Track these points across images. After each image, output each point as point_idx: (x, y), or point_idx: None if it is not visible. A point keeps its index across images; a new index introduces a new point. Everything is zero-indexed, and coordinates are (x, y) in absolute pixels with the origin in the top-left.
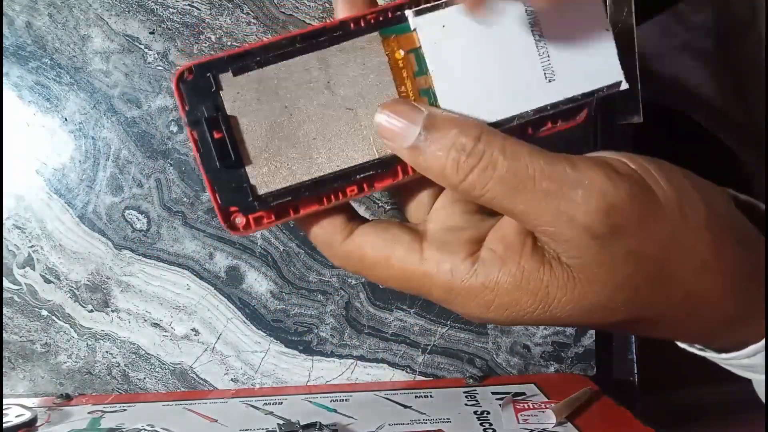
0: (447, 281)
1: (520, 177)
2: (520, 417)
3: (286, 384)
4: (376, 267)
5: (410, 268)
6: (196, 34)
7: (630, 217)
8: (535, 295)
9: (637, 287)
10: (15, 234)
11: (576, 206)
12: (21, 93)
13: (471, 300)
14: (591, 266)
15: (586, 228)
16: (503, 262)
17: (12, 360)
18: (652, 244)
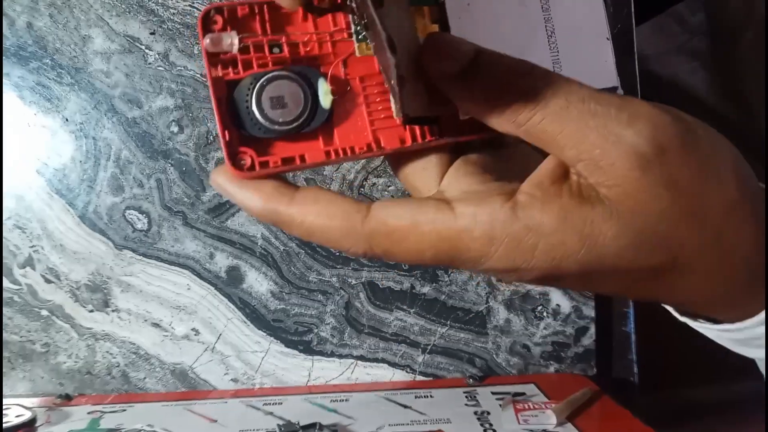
0: (487, 231)
1: (570, 98)
2: (520, 417)
3: (286, 384)
4: (407, 239)
5: (444, 228)
6: (196, 35)
7: (673, 141)
8: (581, 232)
9: (675, 219)
10: (15, 234)
11: (623, 126)
12: (22, 93)
13: (514, 248)
14: (632, 194)
15: (632, 147)
16: (544, 203)
17: (12, 360)
18: (690, 172)
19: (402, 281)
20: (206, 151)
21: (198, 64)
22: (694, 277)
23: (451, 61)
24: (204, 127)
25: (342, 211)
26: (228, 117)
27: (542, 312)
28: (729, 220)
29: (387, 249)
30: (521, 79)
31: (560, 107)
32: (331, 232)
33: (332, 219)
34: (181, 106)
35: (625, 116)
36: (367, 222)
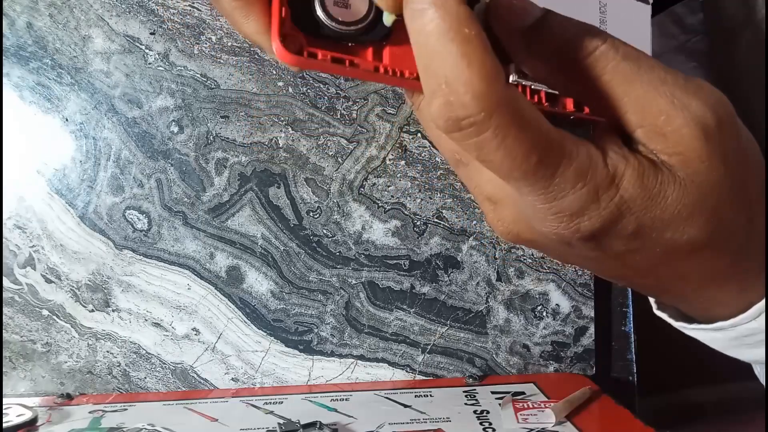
0: (583, 165)
1: (641, 64)
2: (519, 416)
3: (286, 383)
4: (528, 129)
5: (556, 138)
6: (196, 35)
7: (729, 117)
8: (650, 191)
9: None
10: (16, 234)
11: (691, 95)
12: (22, 93)
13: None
14: (692, 163)
15: (698, 117)
16: (626, 160)
17: (13, 359)
18: (739, 150)
19: (402, 281)
20: (206, 151)
21: (198, 64)
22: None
23: (523, 16)
24: (204, 127)
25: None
26: None
27: (542, 312)
28: (759, 206)
29: (503, 127)
30: (591, 40)
31: (631, 70)
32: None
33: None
34: (181, 106)
35: (693, 86)
36: (509, 90)
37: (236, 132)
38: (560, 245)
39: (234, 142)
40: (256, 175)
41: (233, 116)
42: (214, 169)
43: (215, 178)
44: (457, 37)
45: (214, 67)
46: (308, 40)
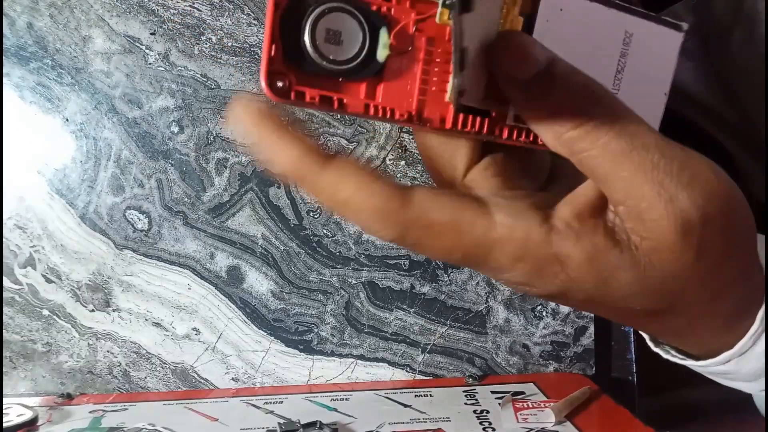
0: (519, 249)
1: (635, 142)
2: (519, 416)
3: (286, 383)
4: (444, 235)
5: (481, 234)
6: (197, 35)
7: (719, 215)
8: (601, 274)
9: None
10: (16, 234)
11: (682, 187)
12: (22, 93)
13: (537, 271)
14: (662, 251)
15: (681, 211)
16: (579, 237)
17: (13, 359)
18: (721, 245)
19: (402, 281)
20: (206, 151)
21: (198, 64)
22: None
23: (523, 67)
24: (204, 127)
25: (383, 190)
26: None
27: (542, 312)
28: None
29: (419, 242)
30: (591, 106)
31: (622, 150)
32: (365, 211)
33: (370, 197)
34: (181, 106)
35: (686, 177)
36: (408, 209)
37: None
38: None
39: (234, 142)
40: (257, 175)
41: None
42: (215, 169)
43: (215, 178)
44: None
45: (214, 67)
46: (298, 76)
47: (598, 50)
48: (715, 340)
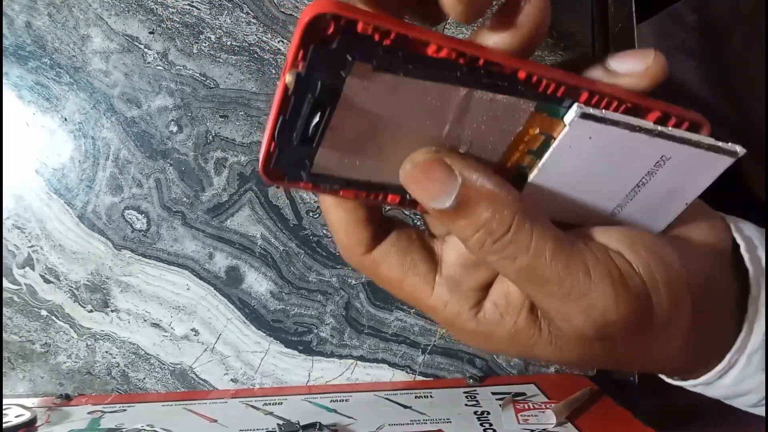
0: (449, 319)
1: (535, 275)
2: (520, 417)
3: (286, 384)
4: (389, 285)
5: (418, 297)
6: (195, 34)
7: (621, 333)
8: (521, 349)
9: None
10: (15, 234)
11: (577, 314)
12: (21, 93)
13: (465, 337)
14: (572, 346)
15: (579, 330)
16: (502, 319)
17: (12, 360)
18: (630, 351)
19: None
20: (205, 151)
21: (197, 63)
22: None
23: (432, 200)
24: (203, 126)
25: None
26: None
27: None
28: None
29: (373, 280)
30: (492, 241)
31: (525, 279)
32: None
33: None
34: (180, 105)
35: (583, 305)
36: (365, 257)
37: (236, 131)
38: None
39: (233, 141)
40: (256, 175)
41: (232, 116)
42: (214, 169)
43: (214, 178)
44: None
45: (213, 66)
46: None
47: (624, 169)
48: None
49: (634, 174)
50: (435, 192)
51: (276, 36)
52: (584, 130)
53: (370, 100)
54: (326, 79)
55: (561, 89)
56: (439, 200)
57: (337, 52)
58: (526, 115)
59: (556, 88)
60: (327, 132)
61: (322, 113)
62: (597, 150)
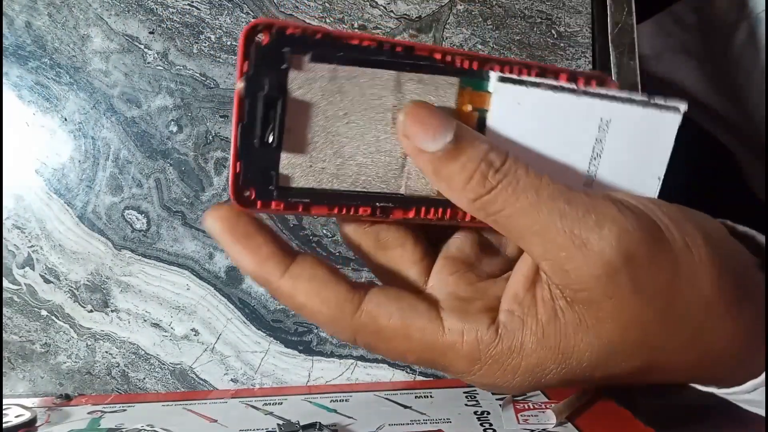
0: (473, 351)
1: (540, 195)
2: (520, 417)
3: (285, 384)
4: (394, 340)
5: (432, 340)
6: (195, 34)
7: (640, 247)
8: (557, 348)
9: (646, 325)
10: (15, 234)
11: (590, 230)
12: (20, 93)
13: (497, 368)
14: (599, 301)
15: (598, 254)
16: (523, 322)
17: (12, 360)
18: (659, 276)
19: None
20: (205, 151)
21: (197, 63)
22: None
23: (431, 141)
24: (203, 126)
25: (334, 297)
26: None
27: None
28: (706, 320)
29: (372, 345)
30: (494, 172)
31: (530, 203)
32: (319, 316)
33: (323, 304)
34: (180, 105)
35: (592, 219)
36: (357, 316)
37: None
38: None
39: None
40: None
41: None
42: (214, 169)
43: (214, 178)
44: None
45: (213, 66)
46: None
47: (566, 137)
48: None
49: (583, 142)
50: (435, 128)
51: None
52: (509, 96)
53: (315, 94)
54: (271, 75)
55: (475, 63)
56: (440, 136)
57: (275, 47)
58: (455, 92)
59: (471, 62)
60: (285, 134)
61: (275, 110)
62: (531, 116)
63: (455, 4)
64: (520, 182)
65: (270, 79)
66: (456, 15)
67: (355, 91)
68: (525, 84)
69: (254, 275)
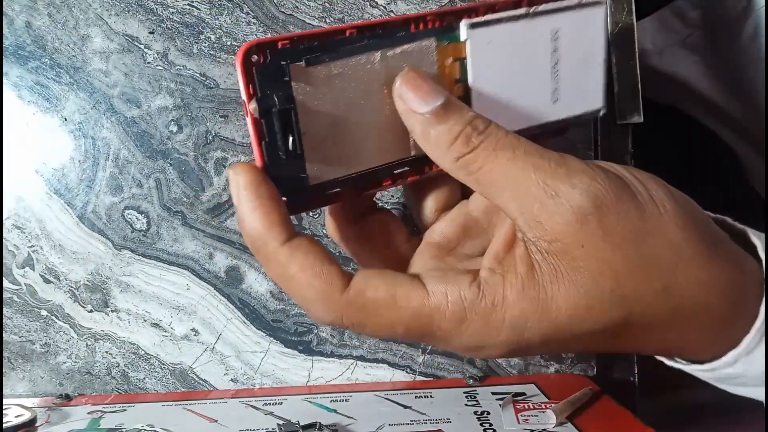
0: (458, 311)
1: (517, 151)
2: (520, 417)
3: (285, 384)
4: (381, 311)
5: (417, 305)
6: (195, 34)
7: (608, 195)
8: (536, 299)
9: (618, 273)
10: (15, 234)
11: (561, 180)
12: (20, 93)
13: (483, 325)
14: (572, 249)
15: (569, 201)
16: (504, 277)
17: (12, 360)
18: (627, 223)
19: None
20: (205, 151)
21: (197, 63)
22: (652, 331)
23: (427, 101)
24: (203, 126)
25: (327, 272)
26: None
27: None
28: (677, 266)
29: (359, 321)
30: (477, 134)
31: (507, 158)
32: (309, 290)
33: (314, 277)
34: (180, 105)
35: (563, 171)
36: (345, 292)
37: (235, 131)
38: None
39: (233, 141)
40: None
41: (232, 116)
42: (213, 169)
43: (214, 178)
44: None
45: (213, 66)
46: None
47: (531, 57)
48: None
49: (544, 57)
50: (426, 92)
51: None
52: (481, 38)
53: (319, 93)
54: (277, 90)
55: (444, 20)
56: (431, 100)
57: (273, 64)
58: (433, 52)
59: (441, 20)
60: (304, 138)
61: (290, 120)
62: (503, 49)
63: (455, 5)
64: (500, 142)
65: (277, 93)
66: None
67: (352, 79)
68: (490, 23)
69: (257, 236)
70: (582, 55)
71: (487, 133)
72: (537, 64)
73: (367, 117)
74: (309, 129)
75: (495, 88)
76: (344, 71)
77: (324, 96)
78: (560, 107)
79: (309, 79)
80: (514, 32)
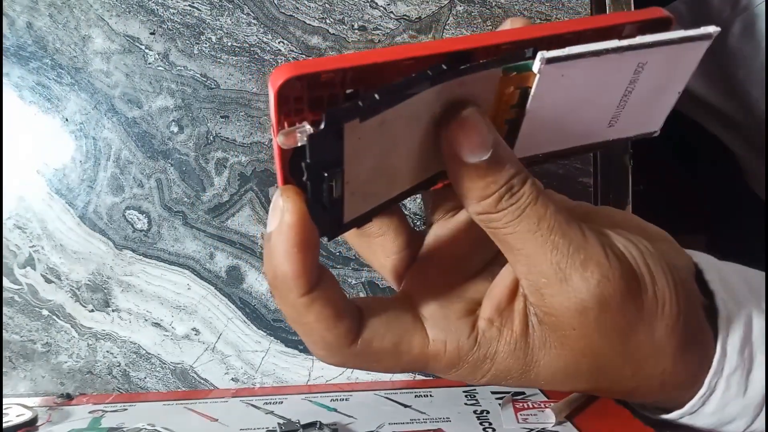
0: (453, 359)
1: (541, 225)
2: (519, 416)
3: (286, 383)
4: (383, 357)
5: (418, 353)
6: (196, 35)
7: (615, 295)
8: (523, 360)
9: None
10: (16, 234)
11: (575, 268)
12: (22, 93)
13: (471, 371)
14: (564, 327)
15: (575, 291)
16: (500, 332)
17: (13, 360)
18: (624, 322)
19: None
20: (206, 151)
21: (198, 64)
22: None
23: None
24: (204, 127)
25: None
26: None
27: None
28: (649, 359)
29: (361, 366)
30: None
31: (528, 230)
32: (318, 341)
33: (327, 332)
34: (181, 106)
35: (580, 258)
36: (353, 347)
37: (236, 132)
38: None
39: (234, 142)
40: (256, 175)
41: (233, 116)
42: (214, 169)
43: (215, 178)
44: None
45: (214, 66)
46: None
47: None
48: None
49: (618, 87)
50: (477, 145)
51: (276, 37)
52: (554, 72)
53: (366, 143)
54: (329, 155)
55: (517, 46)
56: (478, 153)
57: (328, 130)
58: (496, 81)
59: (513, 47)
60: (346, 187)
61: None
62: (574, 82)
63: (455, 5)
64: (527, 210)
65: (327, 157)
66: (455, 16)
67: (403, 119)
68: (571, 59)
69: (282, 279)
70: (660, 84)
71: (518, 195)
72: (607, 94)
73: (408, 146)
74: (352, 179)
75: (551, 113)
76: (398, 113)
77: (373, 144)
78: (614, 130)
79: (362, 133)
80: (593, 67)
